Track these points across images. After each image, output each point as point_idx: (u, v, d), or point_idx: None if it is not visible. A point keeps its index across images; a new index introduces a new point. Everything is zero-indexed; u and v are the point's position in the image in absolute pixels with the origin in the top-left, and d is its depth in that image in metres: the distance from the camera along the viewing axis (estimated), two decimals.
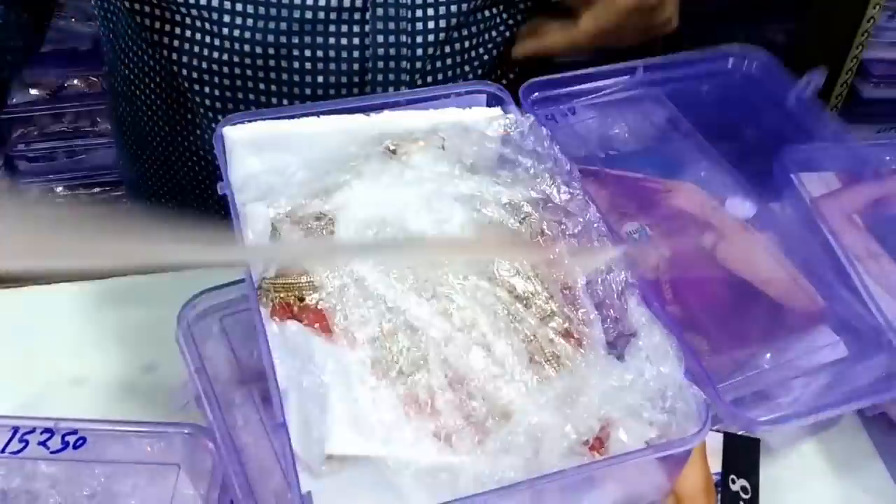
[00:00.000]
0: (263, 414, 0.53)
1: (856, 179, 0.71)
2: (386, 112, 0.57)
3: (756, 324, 0.57)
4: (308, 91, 0.70)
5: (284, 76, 0.69)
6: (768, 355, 0.55)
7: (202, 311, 0.57)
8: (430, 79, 0.73)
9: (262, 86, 0.70)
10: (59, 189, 1.58)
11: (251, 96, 0.71)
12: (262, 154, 0.56)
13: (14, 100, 1.49)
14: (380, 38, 0.68)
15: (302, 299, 0.48)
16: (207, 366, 0.53)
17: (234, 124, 0.55)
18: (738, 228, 0.62)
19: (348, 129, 0.56)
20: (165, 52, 0.70)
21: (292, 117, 0.56)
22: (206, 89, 0.71)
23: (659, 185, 0.67)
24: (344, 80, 0.70)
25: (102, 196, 1.60)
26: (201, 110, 0.73)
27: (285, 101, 0.71)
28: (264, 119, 0.56)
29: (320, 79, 0.70)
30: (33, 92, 1.50)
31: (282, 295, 0.48)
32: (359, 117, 0.56)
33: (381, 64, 0.69)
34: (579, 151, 0.67)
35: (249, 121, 0.55)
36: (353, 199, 0.50)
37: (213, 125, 0.73)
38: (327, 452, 0.41)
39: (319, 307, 0.47)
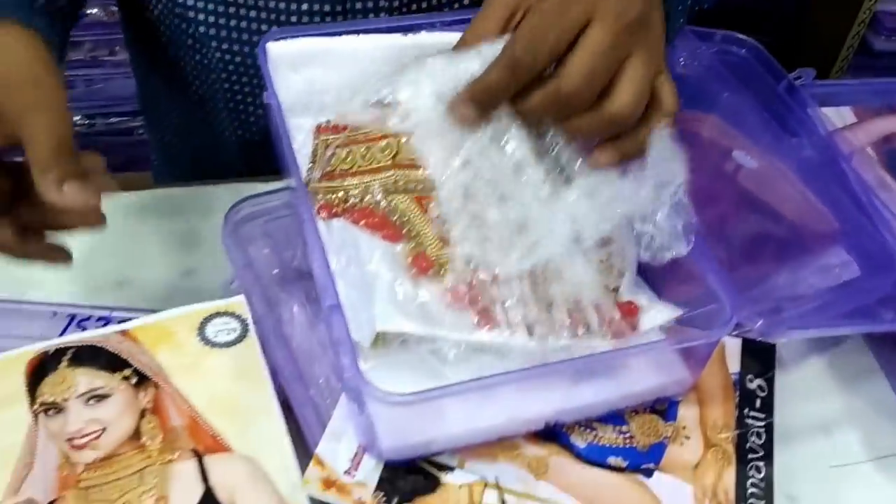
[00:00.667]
0: (309, 309, 0.56)
1: (871, 114, 0.73)
2: (423, 32, 0.58)
3: (774, 243, 0.60)
4: (294, 19, 0.71)
5: (272, 4, 0.70)
6: (784, 272, 0.58)
7: (246, 215, 0.59)
8: (414, 7, 0.72)
9: (252, 13, 0.72)
10: (78, 118, 1.58)
11: (243, 24, 0.72)
12: (303, 70, 0.57)
13: None
14: None
15: (346, 200, 0.50)
16: (252, 265, 0.56)
17: (277, 40, 0.56)
18: (760, 155, 0.65)
19: (387, 47, 0.57)
20: None
21: (333, 34, 0.57)
22: (201, 17, 0.73)
23: (682, 115, 0.69)
24: (327, 8, 0.71)
25: (120, 125, 1.61)
26: (198, 35, 0.75)
27: (274, 27, 0.71)
28: (306, 35, 0.57)
29: (304, 6, 0.71)
30: None
31: (328, 196, 0.51)
32: (397, 36, 0.58)
33: None
34: None
35: (292, 37, 0.57)
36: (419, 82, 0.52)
37: (212, 47, 0.75)
38: (378, 329, 0.44)
39: (363, 207, 0.50)
